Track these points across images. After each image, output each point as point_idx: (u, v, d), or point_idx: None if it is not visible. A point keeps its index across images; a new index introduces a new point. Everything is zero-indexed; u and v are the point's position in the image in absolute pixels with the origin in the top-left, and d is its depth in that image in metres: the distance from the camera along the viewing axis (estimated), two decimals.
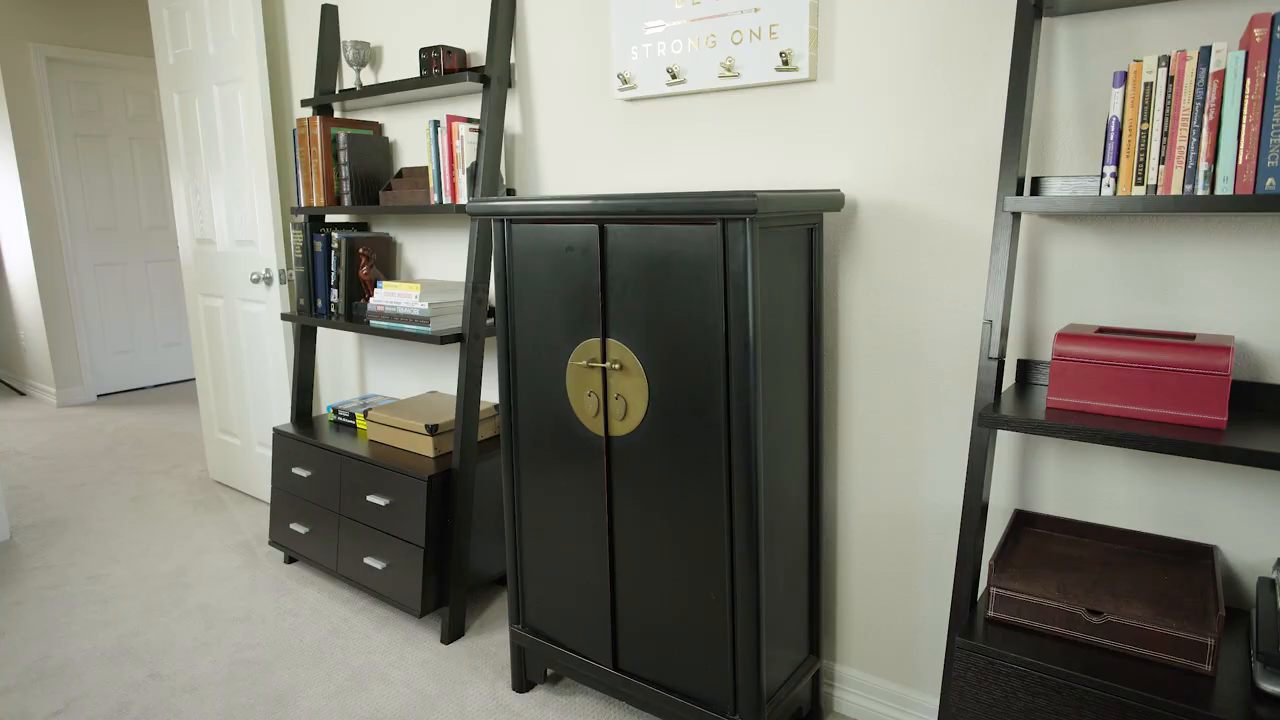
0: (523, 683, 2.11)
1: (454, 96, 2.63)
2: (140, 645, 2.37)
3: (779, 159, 1.92)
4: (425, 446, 2.46)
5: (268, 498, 3.44)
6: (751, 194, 1.42)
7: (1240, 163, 1.20)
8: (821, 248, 1.77)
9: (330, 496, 2.62)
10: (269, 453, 3.37)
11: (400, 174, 2.68)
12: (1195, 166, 1.24)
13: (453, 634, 2.37)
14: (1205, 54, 1.21)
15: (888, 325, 1.82)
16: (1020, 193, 1.44)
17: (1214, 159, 1.22)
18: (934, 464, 1.80)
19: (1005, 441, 1.69)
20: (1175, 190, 1.26)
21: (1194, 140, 1.23)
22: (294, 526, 2.77)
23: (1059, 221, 1.57)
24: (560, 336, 1.83)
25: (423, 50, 2.44)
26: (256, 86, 3.01)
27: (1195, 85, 1.22)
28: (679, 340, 1.63)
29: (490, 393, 2.73)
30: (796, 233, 1.69)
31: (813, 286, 1.77)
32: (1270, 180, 1.18)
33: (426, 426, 2.44)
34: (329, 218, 3.03)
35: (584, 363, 1.79)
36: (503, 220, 1.89)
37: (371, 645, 2.35)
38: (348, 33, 2.90)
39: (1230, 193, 1.21)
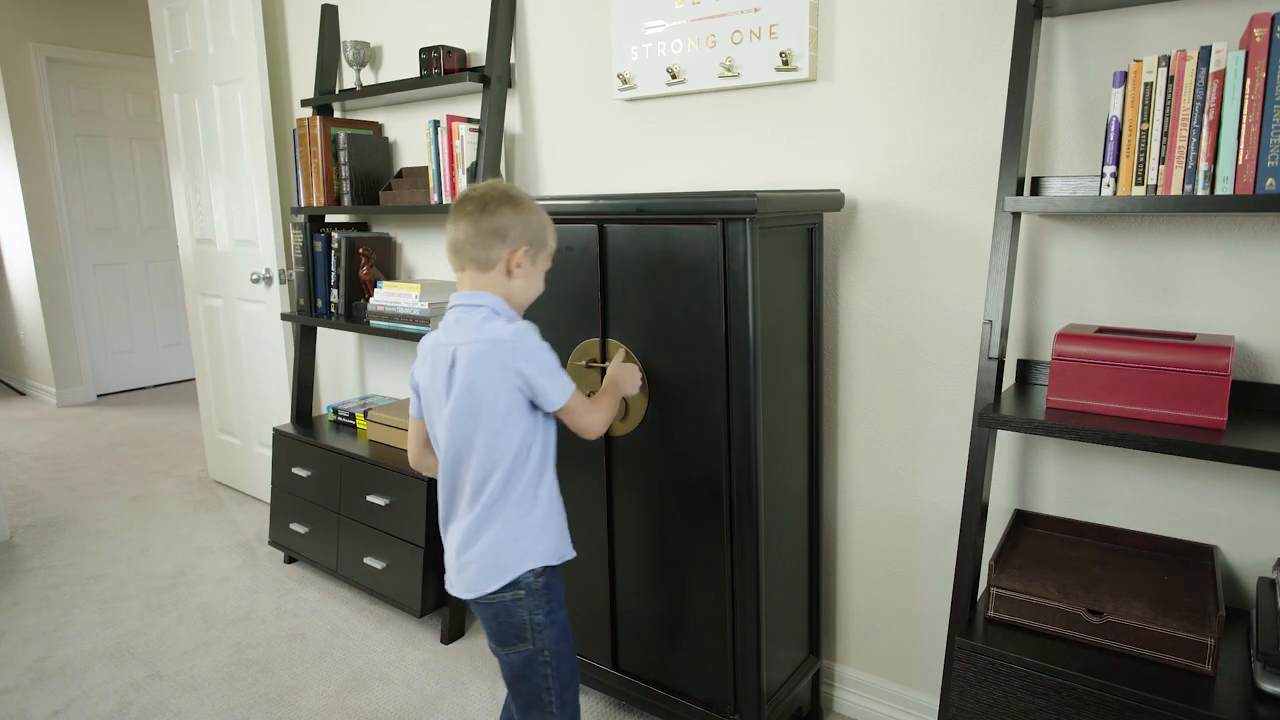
0: None
1: (454, 96, 2.63)
2: (140, 645, 2.37)
3: (779, 159, 1.92)
4: None
5: (268, 498, 3.44)
6: (751, 194, 1.42)
7: (1240, 163, 1.20)
8: (821, 248, 1.77)
9: (330, 496, 2.62)
10: (269, 453, 3.37)
11: (400, 174, 2.68)
12: (1195, 166, 1.24)
13: (453, 634, 2.37)
14: (1205, 54, 1.21)
15: (888, 325, 1.82)
16: (1020, 193, 1.44)
17: (1214, 159, 1.22)
18: (934, 464, 1.79)
19: (1005, 441, 1.69)
20: (1175, 190, 1.26)
21: (1194, 140, 1.23)
22: (294, 526, 2.77)
23: (1059, 221, 1.56)
24: (560, 336, 1.83)
25: (423, 50, 2.44)
26: (256, 86, 3.01)
27: (1195, 85, 1.22)
28: (679, 340, 1.63)
29: None
30: (796, 233, 1.69)
31: (813, 286, 1.77)
32: (1270, 180, 1.18)
33: None
34: (329, 218, 3.03)
35: (584, 363, 1.79)
36: None
37: (371, 645, 2.35)
38: (348, 33, 2.90)
39: (1230, 193, 1.21)
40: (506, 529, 1.38)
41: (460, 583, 1.42)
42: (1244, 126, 1.19)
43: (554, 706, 1.44)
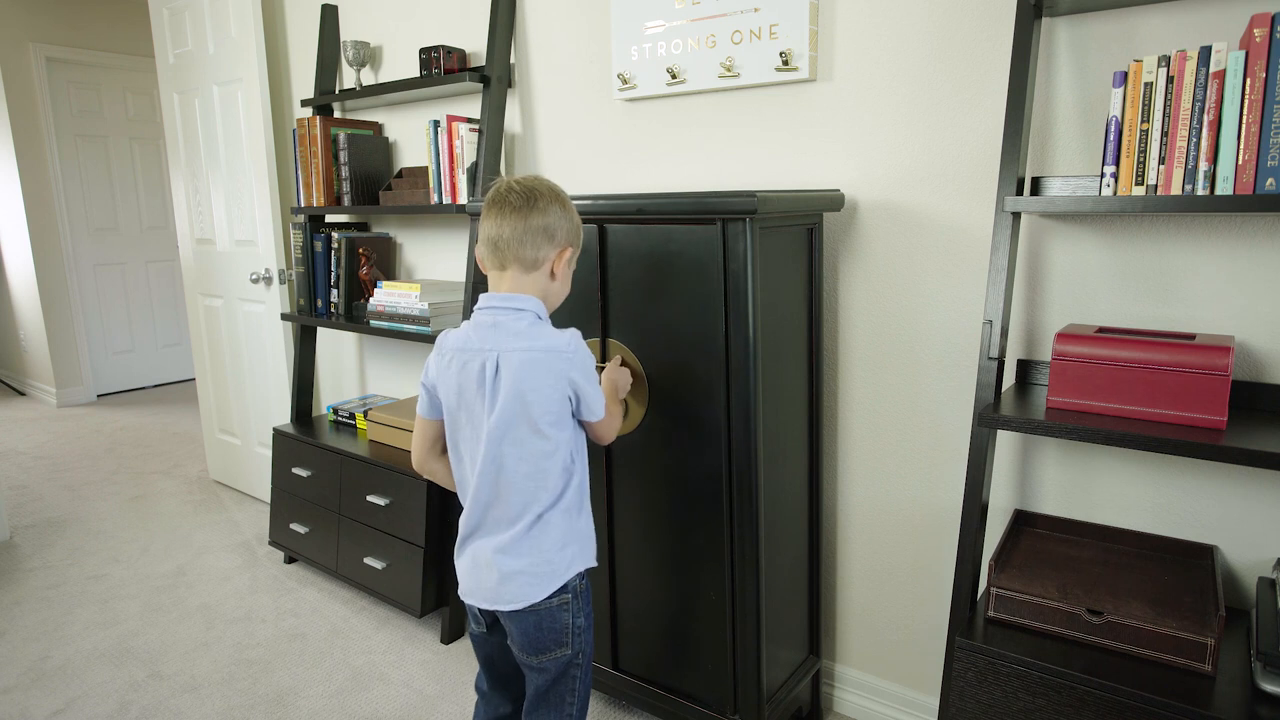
0: None
1: (454, 96, 2.63)
2: (140, 645, 2.37)
3: (779, 159, 1.92)
4: None
5: (268, 498, 3.44)
6: (751, 194, 1.42)
7: (1240, 163, 1.20)
8: (821, 248, 1.77)
9: (330, 496, 2.62)
10: (269, 453, 3.37)
11: (400, 174, 2.68)
12: (1195, 166, 1.24)
13: (453, 634, 2.37)
14: (1205, 54, 1.21)
15: (888, 325, 1.82)
16: (1020, 193, 1.44)
17: (1214, 159, 1.22)
18: (934, 464, 1.79)
19: (1005, 441, 1.69)
20: (1175, 190, 1.26)
21: (1194, 140, 1.23)
22: (294, 526, 2.77)
23: (1059, 221, 1.57)
24: None
25: (423, 50, 2.44)
26: (256, 86, 3.01)
27: (1195, 85, 1.22)
28: (679, 340, 1.63)
29: None
30: (796, 233, 1.69)
31: (813, 286, 1.77)
32: (1270, 180, 1.18)
33: None
34: (329, 218, 3.03)
35: None
36: None
37: (371, 645, 2.35)
38: (348, 33, 2.90)
39: (1230, 193, 1.21)
40: (557, 536, 1.34)
41: (505, 593, 1.33)
42: (1244, 126, 1.19)
43: (573, 709, 1.42)
